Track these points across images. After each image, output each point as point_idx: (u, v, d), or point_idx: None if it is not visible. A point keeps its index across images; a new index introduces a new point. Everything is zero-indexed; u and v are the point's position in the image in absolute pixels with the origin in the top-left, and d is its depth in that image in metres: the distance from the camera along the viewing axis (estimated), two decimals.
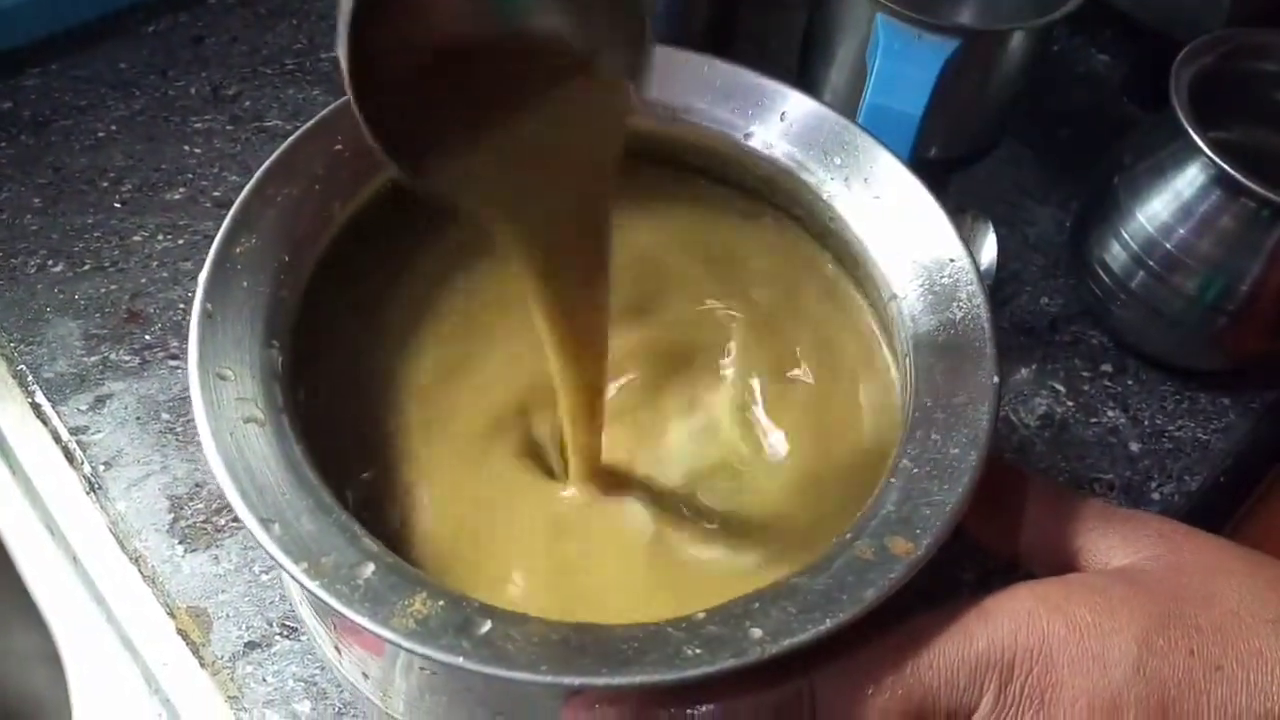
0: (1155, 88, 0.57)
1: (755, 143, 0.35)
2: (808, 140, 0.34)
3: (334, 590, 0.25)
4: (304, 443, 0.29)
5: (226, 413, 0.28)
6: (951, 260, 0.30)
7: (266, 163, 0.33)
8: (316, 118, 0.34)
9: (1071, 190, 0.54)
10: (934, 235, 0.31)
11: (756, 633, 0.24)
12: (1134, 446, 0.47)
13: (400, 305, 0.35)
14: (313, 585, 0.25)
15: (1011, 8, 0.50)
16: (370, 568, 0.26)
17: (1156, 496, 0.45)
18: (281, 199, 0.32)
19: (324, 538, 0.26)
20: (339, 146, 0.34)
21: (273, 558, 0.26)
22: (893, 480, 0.27)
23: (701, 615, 0.24)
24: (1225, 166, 0.41)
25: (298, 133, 0.34)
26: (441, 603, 0.25)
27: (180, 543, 0.40)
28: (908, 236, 0.32)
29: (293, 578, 0.25)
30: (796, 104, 0.34)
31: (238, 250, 0.31)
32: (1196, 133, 0.42)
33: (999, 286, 0.51)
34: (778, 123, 0.34)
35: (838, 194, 0.33)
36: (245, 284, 0.31)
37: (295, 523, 0.26)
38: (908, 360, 0.30)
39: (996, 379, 0.28)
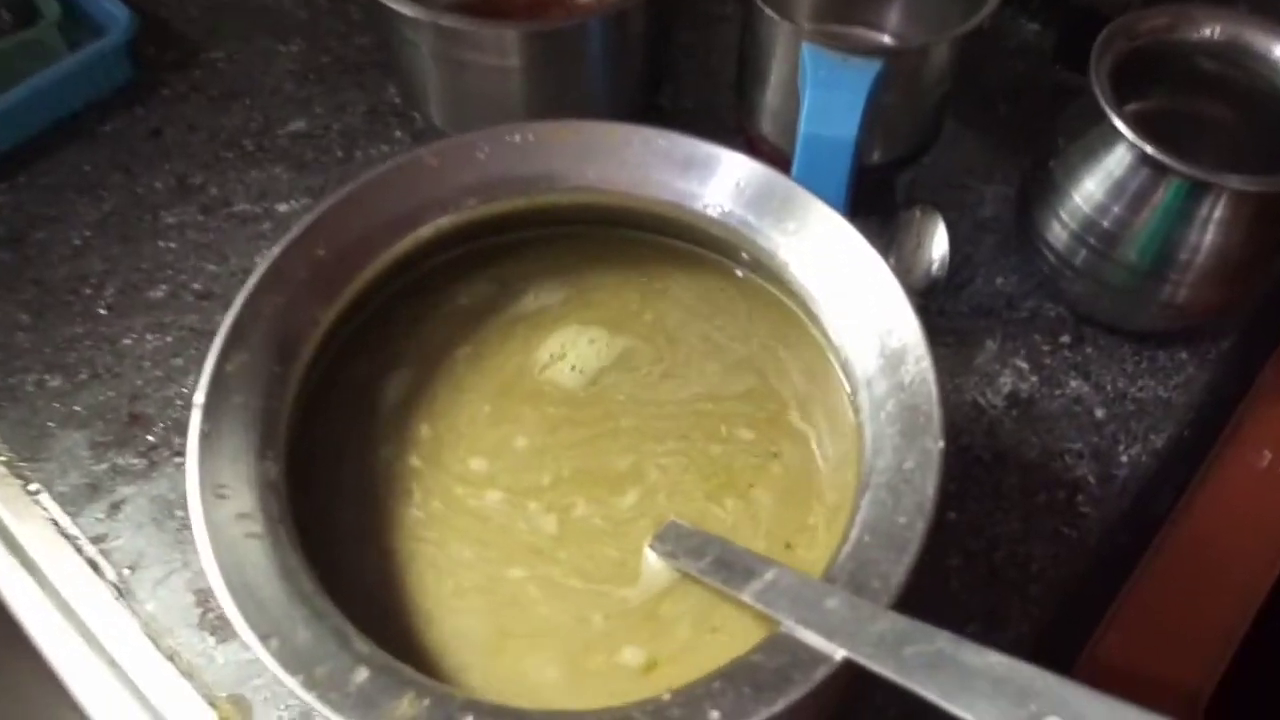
0: (1088, 51, 0.59)
1: (713, 211, 0.37)
2: (760, 206, 0.36)
3: (327, 699, 0.27)
4: (302, 549, 0.31)
5: (226, 531, 0.30)
6: (900, 323, 0.32)
7: (254, 275, 0.35)
8: (300, 226, 0.36)
9: (1015, 165, 0.56)
10: (882, 298, 0.33)
11: (715, 715, 0.26)
12: (1099, 413, 0.49)
13: (387, 400, 0.37)
14: (308, 697, 0.27)
15: (936, 7, 0.51)
16: (363, 673, 0.28)
17: (1125, 459, 0.47)
18: (270, 310, 0.34)
19: (319, 646, 0.28)
20: (321, 252, 0.36)
21: (273, 672, 0.28)
22: (846, 549, 0.29)
23: (666, 697, 0.27)
24: (1148, 149, 0.43)
25: (282, 242, 0.36)
26: (427, 701, 0.27)
27: (211, 634, 0.42)
28: (858, 299, 0.34)
29: (291, 690, 0.28)
30: (748, 171, 0.36)
31: (230, 368, 0.33)
32: (1119, 115, 0.44)
33: (954, 272, 0.53)
34: (733, 189, 0.36)
35: (791, 259, 0.35)
36: (239, 400, 0.33)
37: (292, 634, 0.29)
38: (863, 421, 0.32)
39: (942, 444, 0.30)
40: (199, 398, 0.32)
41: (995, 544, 0.44)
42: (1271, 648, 0.44)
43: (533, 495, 0.35)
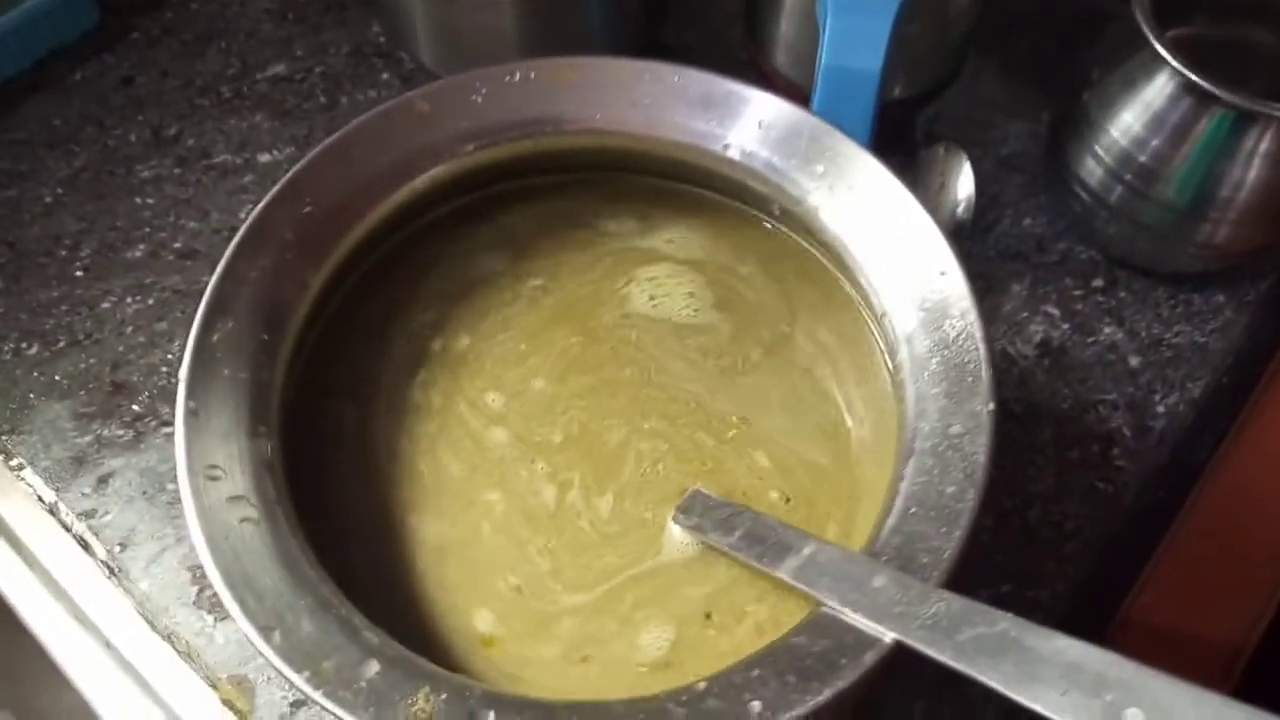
0: None
1: (734, 153, 0.34)
2: (786, 147, 0.33)
3: (337, 697, 0.25)
4: (300, 532, 0.29)
5: (220, 516, 0.28)
6: (942, 273, 0.30)
7: (236, 236, 0.32)
8: (282, 180, 0.33)
9: (1041, 100, 0.53)
10: (922, 246, 0.31)
11: (756, 706, 0.24)
12: (1134, 361, 0.47)
13: (385, 369, 0.35)
14: (316, 694, 0.25)
15: None
16: (373, 666, 0.26)
17: (1162, 409, 0.45)
18: (255, 274, 0.32)
19: (325, 639, 0.26)
20: (308, 208, 0.33)
21: (275, 668, 0.26)
22: (889, 522, 0.27)
23: (702, 686, 0.25)
24: (1193, 76, 0.40)
25: (264, 199, 0.33)
26: (444, 696, 0.25)
27: (209, 613, 0.40)
28: (895, 248, 0.31)
29: (296, 688, 0.26)
30: (773, 110, 0.33)
31: (215, 338, 0.31)
32: (1161, 42, 0.41)
33: (980, 213, 0.50)
34: (756, 130, 0.34)
35: (823, 204, 0.32)
36: (226, 371, 0.30)
37: (296, 626, 0.26)
38: (903, 380, 0.30)
39: (992, 406, 0.28)
40: (183, 372, 0.29)
41: (1029, 502, 0.42)
42: None
43: (552, 464, 0.33)
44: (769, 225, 0.36)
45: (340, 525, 0.31)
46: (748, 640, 0.29)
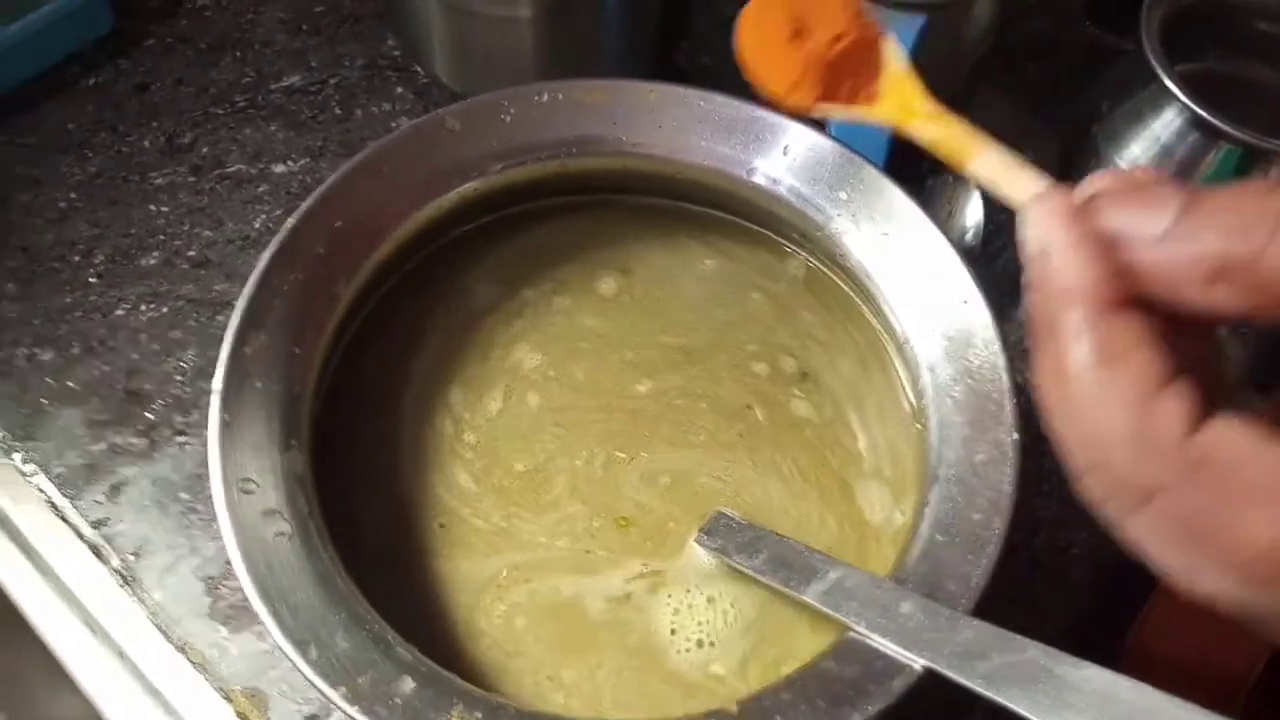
0: (1118, 7, 0.57)
1: (758, 178, 0.34)
2: (810, 174, 0.34)
3: (373, 713, 0.26)
4: (334, 546, 0.29)
5: (255, 530, 0.28)
6: (965, 302, 0.31)
7: (269, 249, 0.32)
8: (315, 194, 0.34)
9: (1049, 129, 0.54)
10: (945, 276, 0.31)
11: None
12: None
13: (416, 379, 0.35)
14: (352, 710, 0.26)
15: None
16: (408, 683, 0.26)
17: None
18: (287, 287, 0.32)
19: (360, 654, 0.27)
20: (339, 223, 0.33)
21: (311, 683, 0.26)
22: (915, 549, 0.27)
23: (734, 709, 0.25)
24: (1201, 111, 0.41)
25: (298, 213, 0.33)
26: (478, 714, 0.25)
27: (223, 624, 0.41)
28: (918, 277, 0.32)
29: (332, 703, 0.26)
30: (797, 136, 0.34)
31: (248, 350, 0.31)
32: (1170, 76, 0.42)
33: (987, 240, 0.51)
34: (780, 156, 0.34)
35: (846, 230, 0.33)
36: (259, 385, 0.31)
37: (330, 642, 0.27)
38: (926, 407, 0.30)
39: (1017, 435, 0.28)
40: (217, 383, 0.30)
41: (1035, 529, 0.43)
42: None
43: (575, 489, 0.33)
44: (790, 249, 0.37)
45: (368, 539, 0.31)
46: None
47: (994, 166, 0.23)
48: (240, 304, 0.31)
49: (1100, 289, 0.19)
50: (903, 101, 0.26)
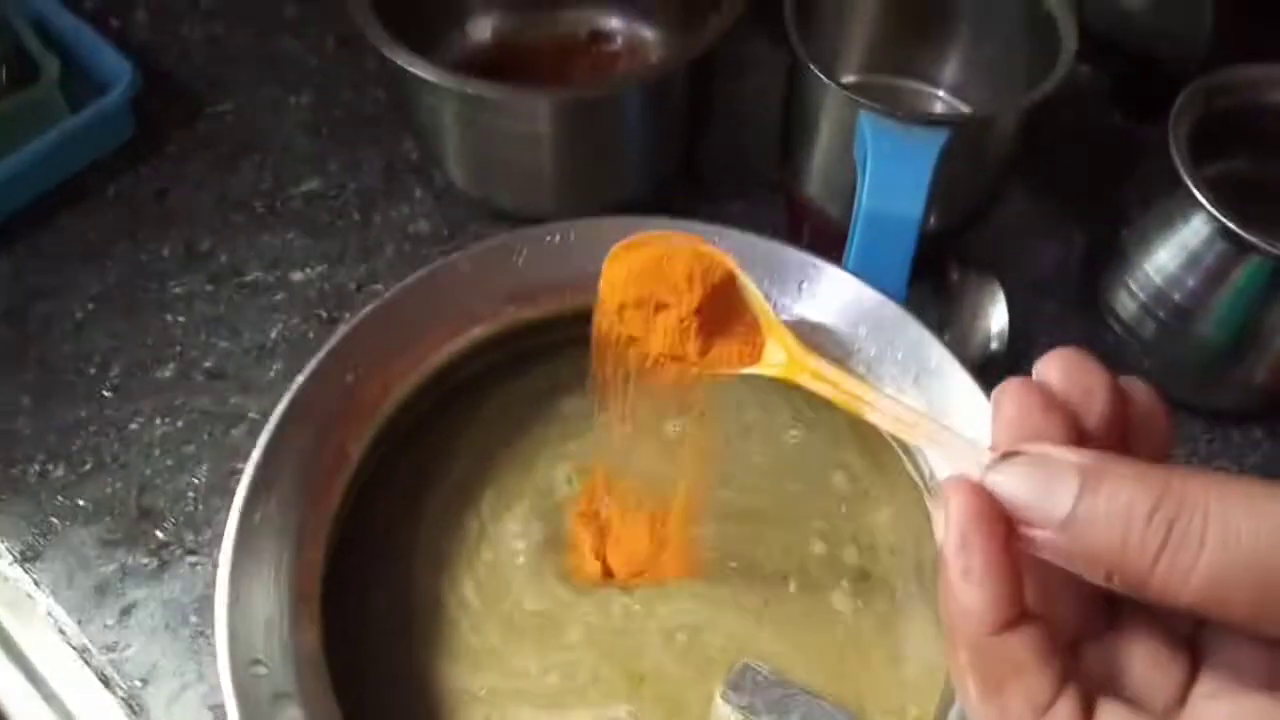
0: (1146, 97, 0.56)
1: (784, 315, 0.34)
2: (828, 309, 0.33)
3: None
4: None
5: (266, 715, 0.27)
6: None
7: (278, 410, 0.32)
8: (324, 349, 0.33)
9: (1074, 222, 0.53)
10: (968, 410, 0.30)
11: None
12: None
13: (420, 534, 0.34)
14: None
15: (995, 59, 0.49)
16: None
17: None
18: (297, 448, 0.31)
19: None
20: (349, 377, 0.33)
21: None
22: (955, 708, 0.26)
23: None
24: (1229, 223, 0.40)
25: (306, 370, 0.32)
26: None
27: None
28: (941, 412, 0.31)
29: None
30: (813, 271, 0.33)
31: (257, 518, 0.30)
32: (1196, 182, 0.41)
33: (1013, 340, 0.50)
34: (795, 292, 0.34)
35: (868, 365, 0.32)
36: (268, 555, 0.30)
37: None
38: None
39: None
40: (224, 558, 0.29)
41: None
42: None
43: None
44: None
45: (384, 710, 0.30)
46: None
47: (891, 419, 0.22)
48: (248, 469, 0.31)
49: (996, 613, 0.18)
50: (787, 352, 0.25)
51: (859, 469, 0.36)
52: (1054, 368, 0.21)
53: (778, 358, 0.25)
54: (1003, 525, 0.18)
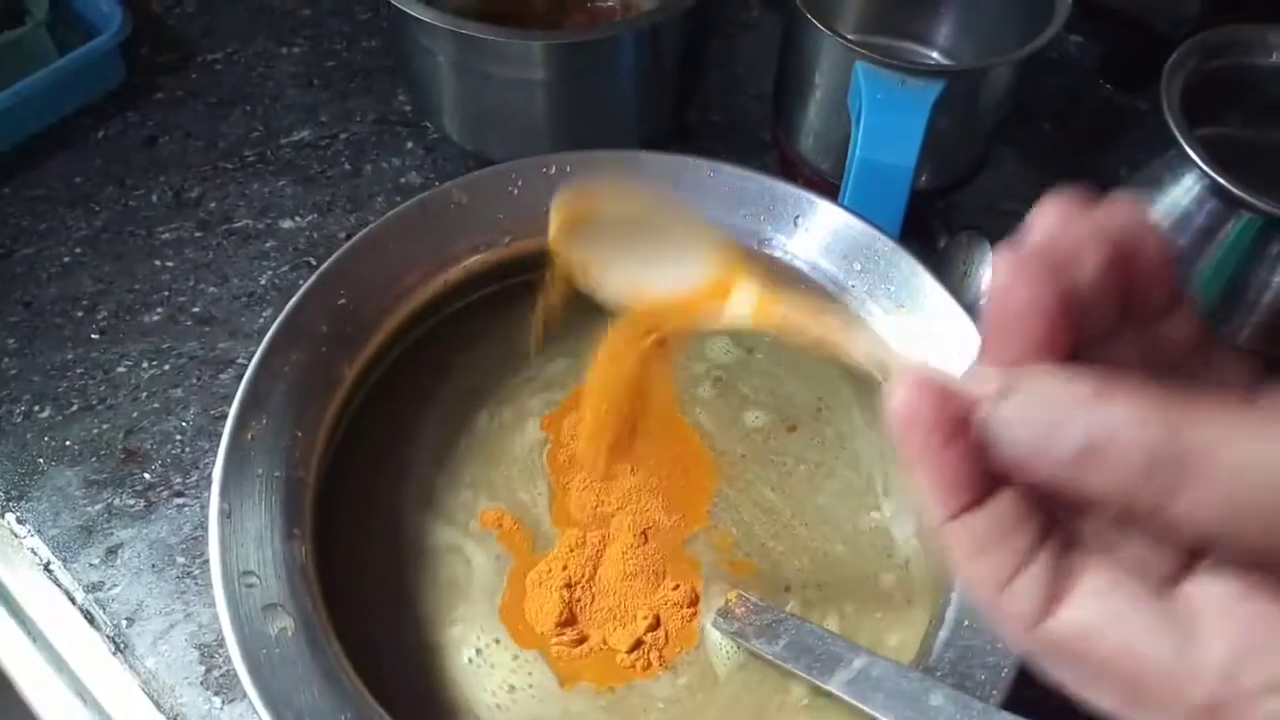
0: (1135, 68, 0.56)
1: (773, 249, 0.34)
2: (824, 245, 0.33)
3: None
4: (337, 643, 0.28)
5: (257, 626, 0.27)
6: None
7: (270, 331, 0.32)
8: (317, 272, 0.33)
9: (1065, 186, 0.53)
10: (960, 343, 0.30)
11: None
12: None
13: (420, 459, 0.34)
14: None
15: (988, 21, 0.49)
16: None
17: None
18: (288, 369, 0.31)
19: None
20: (342, 300, 0.33)
21: None
22: (942, 635, 0.26)
23: None
24: (1220, 179, 0.40)
25: (299, 292, 0.32)
26: None
27: (216, 694, 0.39)
28: (933, 346, 0.31)
29: None
30: (809, 207, 0.34)
31: (249, 436, 0.30)
32: (1189, 142, 0.41)
33: None
34: (791, 226, 0.34)
35: (862, 300, 0.32)
36: (260, 471, 0.30)
37: None
38: None
39: None
40: (216, 473, 0.29)
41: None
42: None
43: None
44: None
45: (372, 628, 0.30)
46: None
47: (865, 355, 0.22)
48: (241, 388, 0.30)
49: (945, 510, 0.19)
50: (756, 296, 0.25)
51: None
52: (1039, 230, 0.20)
53: (745, 305, 0.25)
54: (939, 431, 0.18)
